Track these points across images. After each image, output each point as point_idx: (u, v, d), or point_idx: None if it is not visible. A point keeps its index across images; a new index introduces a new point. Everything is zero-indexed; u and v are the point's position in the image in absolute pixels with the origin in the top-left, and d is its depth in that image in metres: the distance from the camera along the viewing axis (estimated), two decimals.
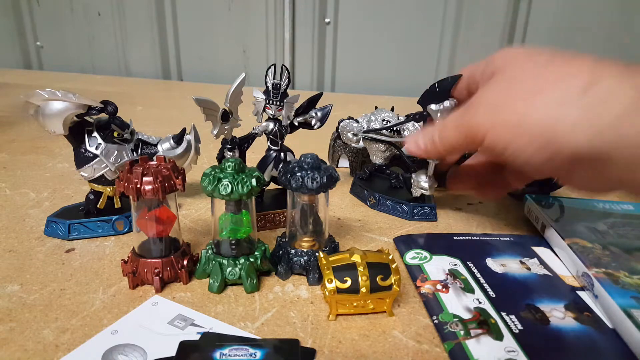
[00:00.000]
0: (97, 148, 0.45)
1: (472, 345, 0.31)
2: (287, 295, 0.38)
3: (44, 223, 0.47)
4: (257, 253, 0.39)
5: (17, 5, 1.57)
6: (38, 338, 0.32)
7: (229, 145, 0.47)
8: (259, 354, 0.29)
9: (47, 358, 0.30)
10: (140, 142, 0.49)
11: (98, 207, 0.47)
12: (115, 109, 0.45)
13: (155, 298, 0.37)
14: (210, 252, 0.39)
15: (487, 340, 0.32)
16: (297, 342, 0.32)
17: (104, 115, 0.45)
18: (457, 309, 0.35)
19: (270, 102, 0.47)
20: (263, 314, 0.35)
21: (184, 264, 0.39)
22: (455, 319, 0.34)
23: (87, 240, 0.46)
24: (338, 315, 0.35)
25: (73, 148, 0.46)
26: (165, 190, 0.37)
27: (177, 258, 0.39)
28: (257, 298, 0.37)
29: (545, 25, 1.17)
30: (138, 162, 0.38)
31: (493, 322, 0.34)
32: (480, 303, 0.36)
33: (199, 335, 0.32)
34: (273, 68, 0.46)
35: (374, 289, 0.34)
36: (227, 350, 0.30)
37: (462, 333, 0.33)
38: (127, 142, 0.47)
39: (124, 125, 0.46)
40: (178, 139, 0.51)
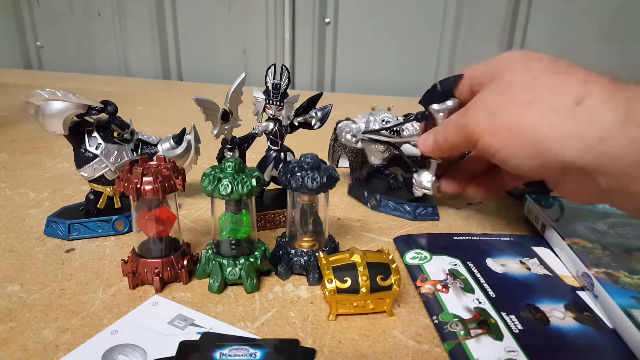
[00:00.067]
0: (97, 148, 0.45)
1: (472, 345, 0.31)
2: (287, 295, 0.38)
3: (44, 223, 0.47)
4: (257, 253, 0.39)
5: (17, 5, 1.56)
6: (38, 338, 0.32)
7: (229, 145, 0.47)
8: (259, 354, 0.29)
9: (47, 358, 0.30)
10: (140, 142, 0.49)
11: (98, 207, 0.47)
12: (115, 109, 0.45)
13: (155, 298, 0.37)
14: (210, 252, 0.39)
15: (487, 340, 0.32)
16: (297, 342, 0.32)
17: (104, 115, 0.45)
18: (457, 309, 0.35)
19: (270, 102, 0.47)
20: (263, 314, 0.35)
21: (184, 264, 0.39)
22: (455, 319, 0.34)
23: (87, 240, 0.46)
24: (338, 315, 0.35)
25: (73, 148, 0.46)
26: (165, 190, 0.37)
27: (177, 258, 0.39)
28: (257, 298, 0.37)
29: (545, 26, 1.17)
30: (138, 162, 0.38)
31: (493, 322, 0.34)
32: (480, 303, 0.36)
33: (199, 335, 0.32)
34: (273, 68, 0.46)
35: (374, 289, 0.34)
36: (227, 350, 0.30)
37: (462, 333, 0.33)
38: (127, 142, 0.47)
39: (124, 125, 0.46)
40: (178, 139, 0.51)
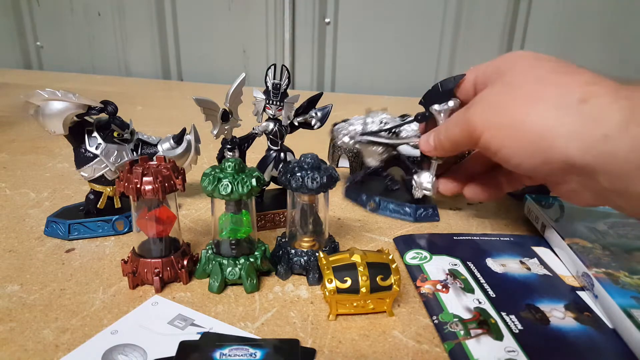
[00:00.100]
0: (97, 148, 0.45)
1: (472, 345, 0.31)
2: (287, 295, 0.38)
3: (44, 223, 0.47)
4: (257, 253, 0.39)
5: (17, 5, 1.56)
6: (38, 338, 0.32)
7: (229, 145, 0.47)
8: (259, 354, 0.29)
9: (47, 358, 0.30)
10: (140, 142, 0.49)
11: (98, 207, 0.47)
12: (115, 109, 0.45)
13: (155, 298, 0.37)
14: (210, 252, 0.39)
15: (487, 340, 0.32)
16: (297, 342, 0.32)
17: (104, 115, 0.45)
18: (457, 309, 0.35)
19: (270, 102, 0.47)
20: (263, 314, 0.35)
21: (184, 264, 0.39)
22: (455, 319, 0.34)
23: (87, 240, 0.46)
24: (338, 315, 0.35)
25: (73, 148, 0.46)
26: (165, 190, 0.37)
27: (177, 258, 0.39)
28: (257, 298, 0.37)
29: (546, 25, 1.17)
30: (138, 162, 0.38)
31: (493, 322, 0.34)
32: (480, 303, 0.36)
33: (199, 335, 0.32)
34: (273, 68, 0.46)
35: (374, 289, 0.34)
36: (227, 350, 0.30)
37: (462, 333, 0.33)
38: (127, 142, 0.47)
39: (124, 125, 0.46)
40: (178, 139, 0.51)
